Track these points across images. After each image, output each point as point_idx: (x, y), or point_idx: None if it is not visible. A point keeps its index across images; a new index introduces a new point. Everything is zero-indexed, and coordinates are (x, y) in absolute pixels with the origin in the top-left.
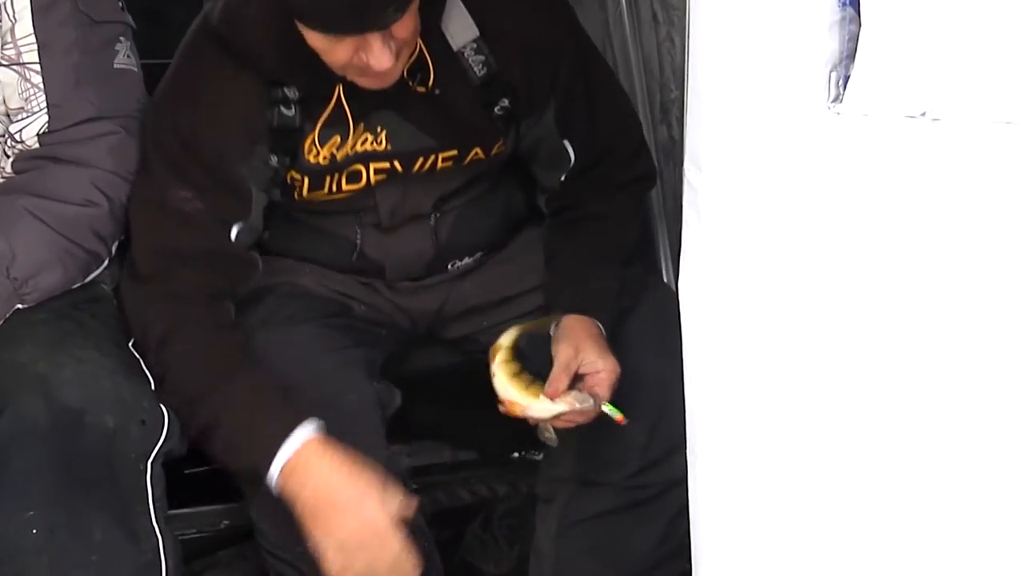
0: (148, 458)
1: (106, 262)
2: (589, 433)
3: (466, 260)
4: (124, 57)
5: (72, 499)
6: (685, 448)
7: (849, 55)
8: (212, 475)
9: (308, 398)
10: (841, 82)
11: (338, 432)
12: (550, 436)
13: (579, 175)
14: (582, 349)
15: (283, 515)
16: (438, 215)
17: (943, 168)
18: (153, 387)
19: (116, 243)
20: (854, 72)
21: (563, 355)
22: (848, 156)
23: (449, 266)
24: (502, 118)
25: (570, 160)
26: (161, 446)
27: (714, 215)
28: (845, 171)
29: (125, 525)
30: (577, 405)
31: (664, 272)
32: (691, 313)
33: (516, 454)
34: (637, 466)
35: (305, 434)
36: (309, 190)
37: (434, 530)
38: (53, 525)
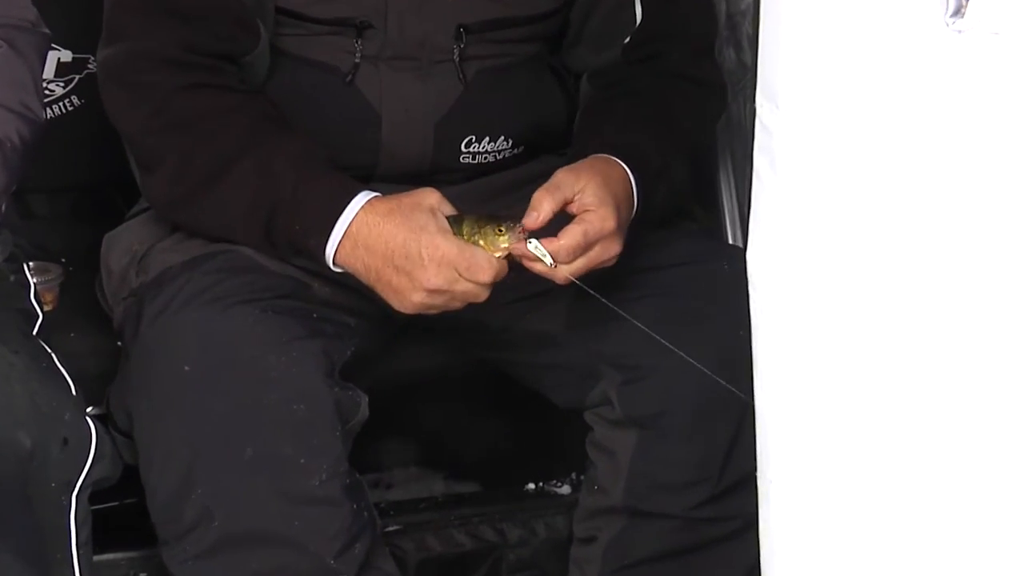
0: (73, 488)
1: None
2: (642, 448)
3: (485, 143)
4: None
5: None
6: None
7: None
8: (124, 512)
9: (235, 406)
10: None
11: (277, 456)
12: None
13: (635, 55)
14: (584, 179)
15: None
16: (461, 47)
17: None
18: (144, 182)
19: (3, 201)
20: None
21: (560, 176)
22: (971, 86)
23: (463, 147)
24: None
25: (633, 25)
26: (88, 472)
27: (793, 165)
28: (967, 106)
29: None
30: (525, 250)
31: (727, 236)
32: (763, 294)
33: (532, 485)
34: (709, 492)
35: (362, 200)
36: None
37: None
38: None
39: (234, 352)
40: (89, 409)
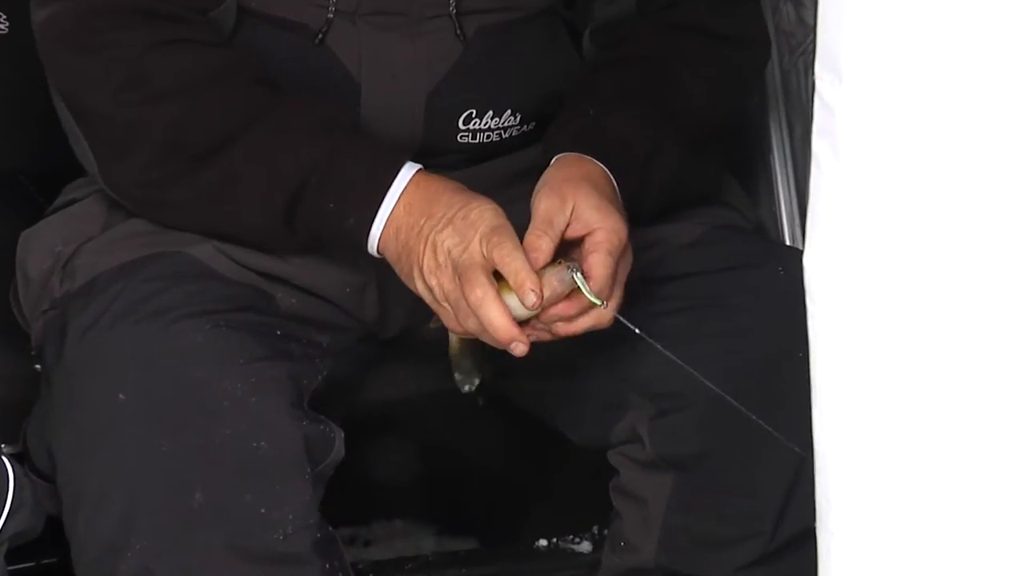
0: None
1: None
2: (680, 496)
3: (488, 118)
4: None
5: None
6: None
7: None
8: (46, 573)
9: (181, 444)
10: None
11: (233, 504)
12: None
13: (652, 4)
14: (571, 197)
15: None
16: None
17: None
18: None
19: None
20: None
21: (543, 206)
22: None
23: (461, 123)
24: None
25: None
26: (4, 526)
27: (860, 150)
28: None
29: None
30: (557, 286)
31: (783, 236)
32: (823, 308)
33: (544, 542)
34: (761, 550)
35: (413, 169)
36: None
37: None
38: None
39: (180, 377)
40: (2, 447)
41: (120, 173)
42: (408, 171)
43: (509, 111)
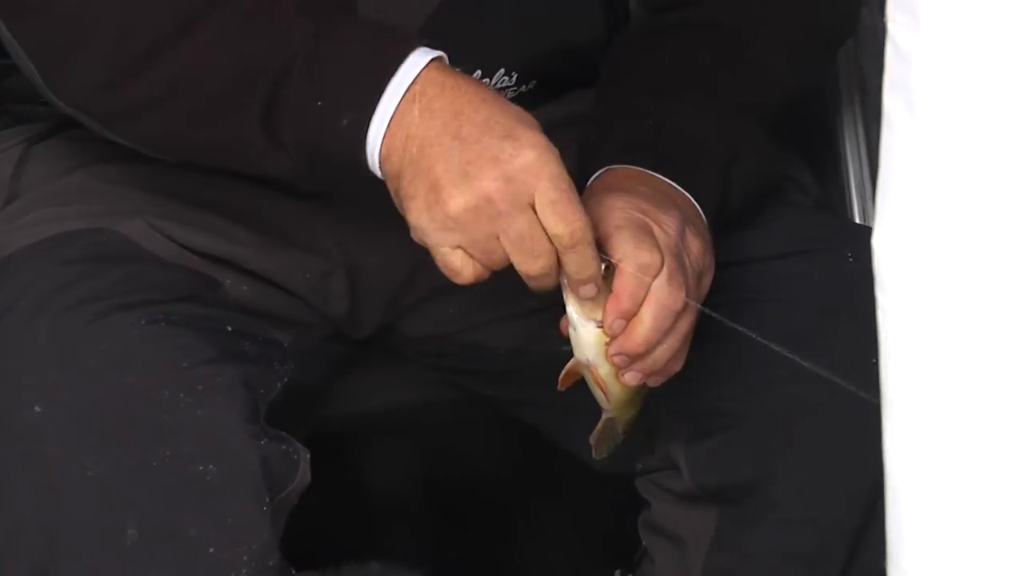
0: None
1: None
2: (725, 534)
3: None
4: None
5: None
6: None
7: None
8: None
9: (112, 467)
10: None
11: (175, 539)
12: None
13: None
14: (615, 207)
15: None
16: None
17: None
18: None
19: None
20: None
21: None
22: None
23: None
24: None
25: None
26: None
27: (940, 107)
28: None
29: None
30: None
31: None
32: (896, 299)
33: None
34: None
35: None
36: None
37: None
38: None
39: (109, 384)
40: None
41: (68, 81)
42: (421, 56)
43: (502, 69)
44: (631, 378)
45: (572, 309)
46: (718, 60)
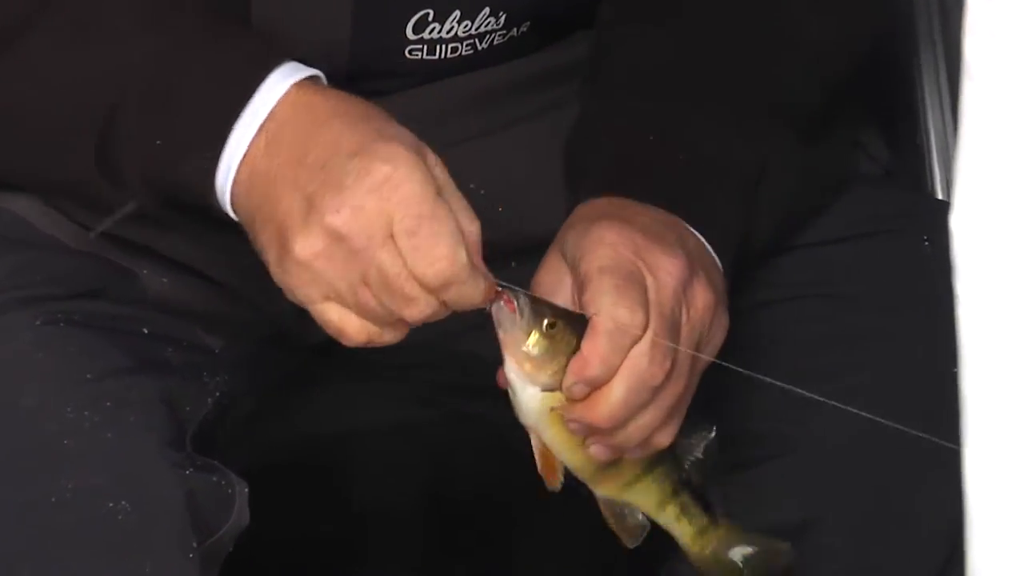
0: None
1: None
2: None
3: (452, 21)
4: None
5: None
6: None
7: None
8: None
9: (2, 503)
10: None
11: None
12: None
13: None
14: (603, 242)
15: None
16: None
17: None
18: None
19: None
20: None
21: (544, 279)
22: None
23: (410, 30)
24: None
25: None
26: None
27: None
28: None
29: None
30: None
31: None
32: (977, 287)
33: None
34: None
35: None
36: None
37: None
38: None
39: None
40: None
41: None
42: (281, 80)
43: (486, 9)
44: (598, 451)
45: (509, 365)
46: (739, 31)
